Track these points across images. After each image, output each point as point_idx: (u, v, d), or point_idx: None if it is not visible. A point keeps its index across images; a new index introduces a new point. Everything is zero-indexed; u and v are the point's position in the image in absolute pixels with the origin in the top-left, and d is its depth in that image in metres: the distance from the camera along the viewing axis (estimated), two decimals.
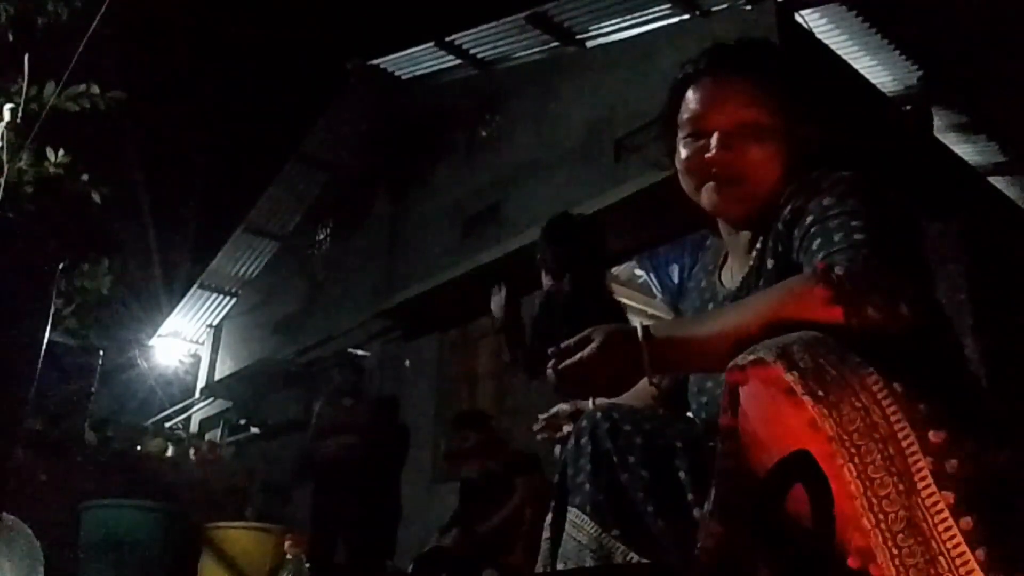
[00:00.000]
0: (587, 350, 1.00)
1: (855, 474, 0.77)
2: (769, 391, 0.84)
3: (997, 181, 7.65)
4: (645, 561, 1.09)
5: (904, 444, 0.77)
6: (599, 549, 1.11)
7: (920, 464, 0.76)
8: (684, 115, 1.22)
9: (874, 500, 0.77)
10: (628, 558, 1.09)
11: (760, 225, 1.17)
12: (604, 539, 1.12)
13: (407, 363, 8.14)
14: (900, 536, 0.76)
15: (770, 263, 1.12)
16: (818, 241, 1.01)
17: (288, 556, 3.17)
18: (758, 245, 1.17)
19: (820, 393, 0.79)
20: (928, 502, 0.76)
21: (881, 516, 0.76)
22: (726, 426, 0.90)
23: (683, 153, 1.21)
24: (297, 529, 4.16)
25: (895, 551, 0.76)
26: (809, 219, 1.05)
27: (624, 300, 7.10)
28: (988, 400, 0.86)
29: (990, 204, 7.00)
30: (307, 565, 3.23)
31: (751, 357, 0.86)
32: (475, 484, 4.36)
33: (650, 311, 6.98)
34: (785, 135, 1.16)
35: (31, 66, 2.60)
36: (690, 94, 1.22)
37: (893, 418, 0.78)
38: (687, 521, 1.09)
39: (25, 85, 2.63)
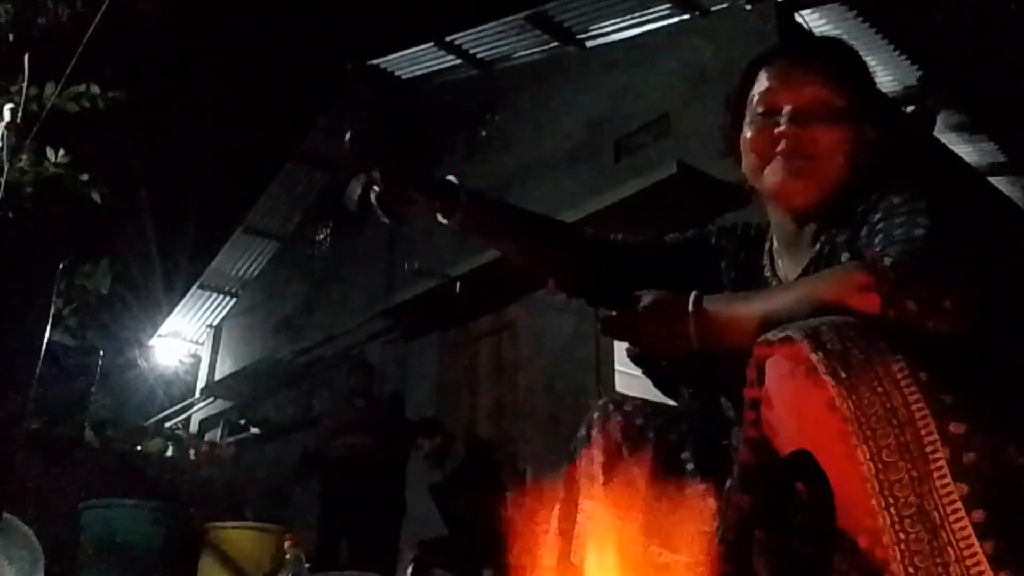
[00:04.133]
0: (638, 303, 1.04)
1: (868, 456, 0.78)
2: (793, 368, 0.85)
3: (997, 181, 7.65)
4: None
5: (923, 432, 0.78)
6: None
7: (937, 454, 0.77)
8: (755, 95, 1.19)
9: (885, 483, 0.77)
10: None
11: (826, 218, 1.16)
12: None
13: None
14: (908, 521, 0.76)
15: (844, 257, 1.11)
16: (880, 236, 1.02)
17: (288, 556, 3.17)
18: (822, 237, 1.16)
19: (842, 374, 0.80)
20: (942, 492, 0.76)
21: (891, 500, 0.77)
22: (751, 398, 0.92)
23: (750, 132, 1.18)
24: (297, 529, 4.16)
25: (902, 535, 0.76)
26: (877, 216, 1.06)
27: None
28: (1019, 401, 0.86)
29: (990, 204, 7.01)
30: (307, 565, 3.23)
31: (781, 335, 0.88)
32: (443, 487, 4.42)
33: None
34: (855, 126, 1.14)
35: (31, 66, 2.60)
36: (763, 74, 1.20)
37: (915, 406, 0.78)
38: (698, 515, 1.10)
39: (25, 85, 2.63)
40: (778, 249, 1.25)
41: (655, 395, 1.32)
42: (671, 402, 1.31)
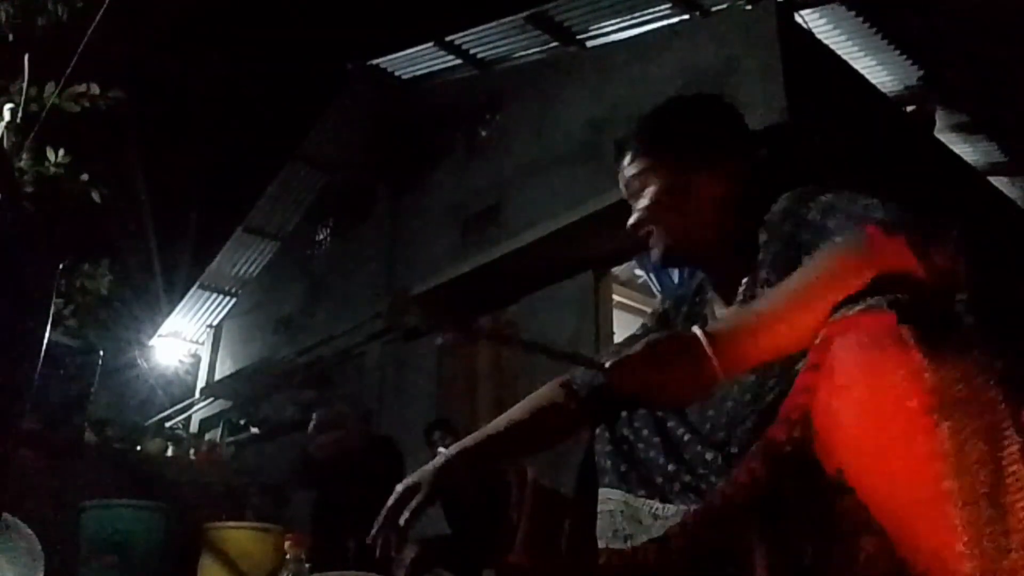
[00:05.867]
0: (634, 348, 0.97)
1: (949, 433, 0.79)
2: (875, 339, 0.85)
3: (997, 181, 7.66)
4: (670, 509, 1.10)
5: (999, 417, 0.80)
6: (627, 508, 1.14)
7: (1008, 440, 0.79)
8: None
9: (963, 463, 0.78)
10: (654, 511, 1.10)
11: (730, 259, 1.19)
12: (631, 499, 1.14)
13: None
14: (984, 502, 0.78)
15: (773, 278, 1.11)
16: (834, 222, 1.02)
17: (288, 556, 3.16)
18: (744, 280, 1.18)
19: (930, 347, 0.81)
20: (1008, 480, 0.78)
21: (968, 480, 0.78)
22: (804, 385, 0.90)
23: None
24: (297, 529, 4.16)
25: (976, 515, 0.78)
26: (812, 215, 1.07)
27: (624, 300, 7.11)
28: None
29: (990, 204, 7.01)
30: (307, 565, 3.23)
31: (859, 307, 0.87)
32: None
33: (649, 311, 6.99)
34: (697, 183, 1.20)
35: (31, 66, 2.60)
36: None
37: (992, 392, 0.80)
38: (694, 464, 1.10)
39: (25, 85, 2.63)
40: (714, 296, 1.29)
41: None
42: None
